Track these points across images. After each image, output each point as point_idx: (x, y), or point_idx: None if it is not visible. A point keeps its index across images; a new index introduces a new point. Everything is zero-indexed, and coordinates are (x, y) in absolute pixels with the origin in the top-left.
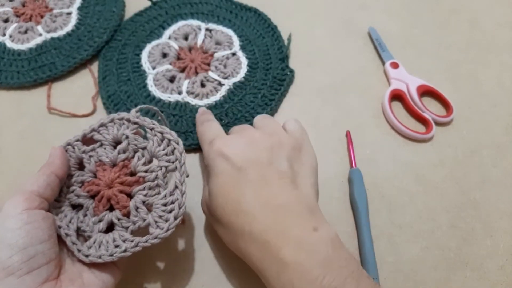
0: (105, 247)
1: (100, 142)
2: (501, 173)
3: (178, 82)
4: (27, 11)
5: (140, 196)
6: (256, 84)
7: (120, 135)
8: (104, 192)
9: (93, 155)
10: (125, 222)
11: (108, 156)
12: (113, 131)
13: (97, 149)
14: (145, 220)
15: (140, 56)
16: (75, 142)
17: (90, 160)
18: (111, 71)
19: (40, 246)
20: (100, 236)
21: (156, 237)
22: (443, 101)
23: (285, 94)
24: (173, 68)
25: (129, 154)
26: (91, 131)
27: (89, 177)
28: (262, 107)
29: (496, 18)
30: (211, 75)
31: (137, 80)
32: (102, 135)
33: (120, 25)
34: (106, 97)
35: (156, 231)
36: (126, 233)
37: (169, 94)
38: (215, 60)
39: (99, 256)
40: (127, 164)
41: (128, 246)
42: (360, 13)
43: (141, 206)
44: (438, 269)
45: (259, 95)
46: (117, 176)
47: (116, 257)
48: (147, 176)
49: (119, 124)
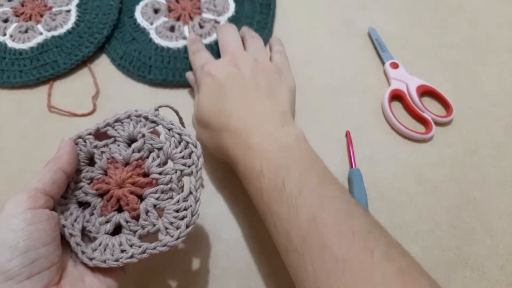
0: (111, 250)
1: (113, 138)
2: (501, 173)
3: (179, 30)
4: (27, 11)
5: (152, 199)
6: (248, 14)
7: (136, 133)
8: (114, 192)
9: (106, 151)
10: (133, 226)
11: (121, 154)
12: (129, 128)
13: (110, 145)
14: (155, 225)
15: (134, 17)
16: (87, 135)
17: (102, 156)
18: (113, 37)
19: (43, 249)
20: (106, 238)
21: (165, 244)
22: (443, 101)
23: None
24: (169, 20)
25: (144, 153)
26: (106, 125)
27: (99, 174)
28: (260, 32)
29: (496, 18)
30: (205, 16)
31: (141, 38)
32: (117, 131)
33: (119, 18)
34: (118, 59)
35: (165, 238)
36: (134, 237)
37: (175, 41)
38: (203, 2)
39: (104, 261)
40: (141, 164)
41: (135, 252)
42: (360, 13)
43: (152, 210)
44: (438, 269)
45: (254, 22)
46: (129, 175)
47: (121, 263)
48: (160, 178)
49: (135, 121)
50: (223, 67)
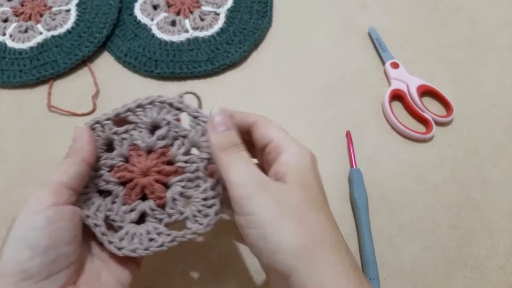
0: (139, 239)
1: (134, 124)
2: (501, 173)
3: (180, 24)
4: (26, 10)
5: (178, 188)
6: (247, 4)
7: (160, 119)
8: (138, 180)
9: (127, 137)
10: (159, 214)
11: (144, 141)
12: (152, 114)
13: (131, 132)
14: (183, 213)
15: (134, 15)
16: (105, 121)
17: (123, 143)
18: (115, 35)
19: (64, 248)
20: (132, 227)
21: (195, 232)
22: (443, 101)
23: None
24: (169, 15)
25: (168, 141)
26: (126, 111)
27: (120, 161)
28: (261, 19)
29: (496, 18)
30: (204, 9)
31: (144, 34)
32: (139, 117)
33: (119, 17)
34: (123, 56)
35: (194, 226)
36: (161, 225)
37: (177, 35)
38: None
39: (134, 250)
40: (165, 151)
41: (165, 241)
42: (360, 13)
43: (179, 198)
44: (438, 269)
45: (253, 12)
46: (154, 164)
47: (151, 252)
48: (187, 167)
49: (159, 107)
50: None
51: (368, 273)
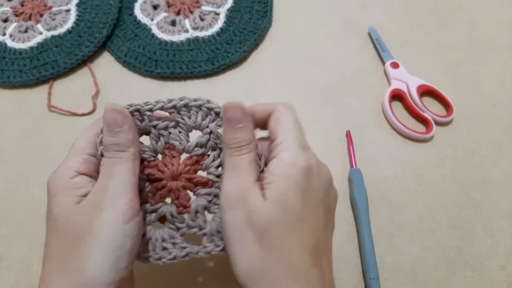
0: (153, 245)
1: (176, 123)
2: (501, 173)
3: (180, 24)
4: (26, 10)
5: (204, 201)
6: (247, 4)
7: (204, 126)
8: (167, 183)
9: (165, 134)
10: (179, 222)
11: (181, 143)
12: (198, 118)
13: (171, 129)
14: (202, 229)
15: (134, 15)
16: (147, 111)
17: (160, 139)
18: (115, 35)
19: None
20: (150, 230)
21: (209, 252)
22: (443, 101)
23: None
24: (169, 14)
25: (206, 150)
26: (172, 107)
27: (151, 156)
28: (261, 19)
29: (496, 18)
30: (204, 9)
31: (144, 34)
32: (183, 117)
33: (119, 17)
34: (123, 56)
35: (210, 246)
36: (177, 234)
37: (177, 35)
38: None
39: (147, 257)
40: (200, 160)
41: (179, 255)
42: (360, 13)
43: (202, 212)
44: (438, 269)
45: (253, 12)
46: (187, 170)
47: (162, 263)
48: (217, 182)
49: (205, 113)
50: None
51: (368, 273)
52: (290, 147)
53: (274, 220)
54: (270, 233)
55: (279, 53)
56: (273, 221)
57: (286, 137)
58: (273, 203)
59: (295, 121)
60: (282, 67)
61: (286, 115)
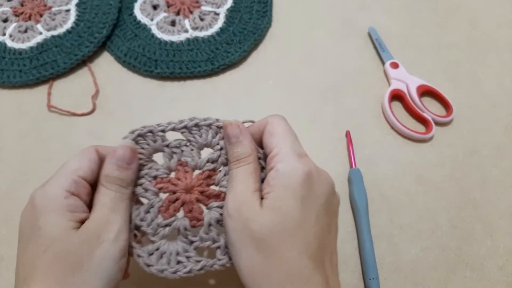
0: (167, 259)
1: (187, 141)
2: (501, 173)
3: (180, 24)
4: (26, 10)
5: (217, 214)
6: (246, 4)
7: (214, 143)
8: (181, 195)
9: (177, 152)
10: (192, 236)
11: (194, 160)
12: (208, 136)
13: (183, 147)
14: (216, 242)
15: (134, 15)
16: (159, 132)
17: (173, 157)
18: (114, 35)
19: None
20: (164, 244)
21: (224, 265)
22: (443, 101)
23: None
24: (169, 14)
25: (217, 165)
26: (183, 127)
27: (164, 173)
28: (261, 19)
29: (496, 18)
30: (204, 9)
31: (143, 34)
32: (194, 135)
33: (119, 17)
34: (123, 56)
35: (224, 258)
36: (191, 247)
37: (177, 35)
38: None
39: (162, 271)
40: (212, 174)
41: (194, 268)
42: (360, 13)
43: (215, 225)
44: (438, 269)
45: (253, 12)
46: (200, 183)
47: (178, 276)
48: None
49: (215, 131)
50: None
51: (368, 273)
52: (285, 157)
53: (271, 227)
54: (268, 240)
55: (279, 53)
56: (270, 228)
57: (281, 148)
58: (269, 211)
59: (287, 130)
60: (282, 67)
61: (277, 126)
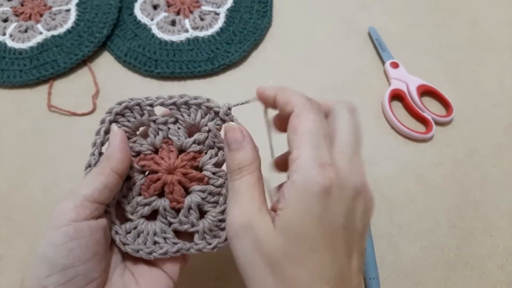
0: (144, 238)
1: (175, 119)
2: (501, 173)
3: (180, 24)
4: (26, 10)
5: (198, 198)
6: (246, 3)
7: (202, 124)
8: (162, 176)
9: (163, 129)
10: (171, 217)
11: (180, 139)
12: (197, 116)
13: (170, 125)
14: (194, 226)
15: (134, 14)
16: (147, 106)
17: (158, 133)
18: (114, 35)
19: (82, 267)
20: (142, 223)
21: (200, 250)
22: (443, 101)
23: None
24: (169, 14)
25: (203, 147)
26: (172, 104)
27: (148, 149)
28: (261, 19)
29: (496, 18)
30: (204, 9)
31: (143, 34)
32: (182, 114)
33: (119, 17)
34: (123, 56)
35: (201, 243)
36: (169, 229)
37: (177, 35)
38: None
39: (137, 250)
40: (197, 157)
41: (170, 250)
42: (360, 13)
43: (195, 209)
44: (438, 269)
45: (253, 12)
46: (183, 165)
47: (153, 257)
48: (213, 179)
49: (204, 111)
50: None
51: (368, 273)
52: (303, 166)
53: (284, 250)
54: (281, 263)
55: (279, 53)
56: (283, 251)
57: (301, 152)
58: (282, 232)
59: (315, 130)
60: (282, 67)
61: (305, 122)
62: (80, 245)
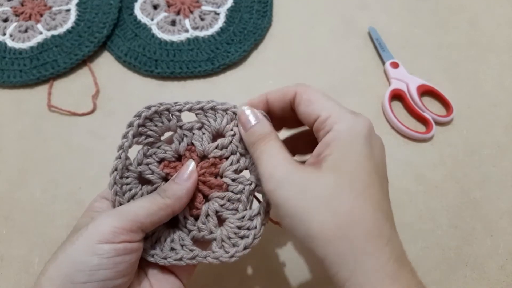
0: (161, 245)
1: (201, 124)
2: (501, 173)
3: (180, 23)
4: (26, 10)
5: (216, 205)
6: (247, 3)
7: (228, 129)
8: None
9: (188, 135)
10: (190, 224)
11: (203, 144)
12: (223, 121)
13: (195, 131)
14: (212, 233)
15: (134, 14)
16: (176, 111)
17: (183, 140)
18: (115, 35)
19: (119, 281)
20: (160, 229)
21: (217, 258)
22: (443, 101)
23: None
24: (169, 14)
25: (225, 153)
26: (199, 109)
27: (172, 156)
28: (261, 19)
29: (496, 18)
30: (204, 9)
31: (144, 34)
32: (208, 119)
33: (119, 17)
34: (123, 56)
35: (219, 251)
36: (187, 237)
37: (178, 35)
38: None
39: (152, 255)
40: (218, 163)
41: (185, 256)
42: (360, 13)
43: (213, 216)
44: (438, 269)
45: (253, 11)
46: (203, 173)
47: (168, 263)
48: (232, 185)
49: (230, 116)
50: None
51: None
52: (341, 117)
53: (339, 185)
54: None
55: (279, 53)
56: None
57: (331, 110)
58: (332, 169)
59: (326, 95)
60: (282, 67)
61: (314, 93)
62: (125, 261)
